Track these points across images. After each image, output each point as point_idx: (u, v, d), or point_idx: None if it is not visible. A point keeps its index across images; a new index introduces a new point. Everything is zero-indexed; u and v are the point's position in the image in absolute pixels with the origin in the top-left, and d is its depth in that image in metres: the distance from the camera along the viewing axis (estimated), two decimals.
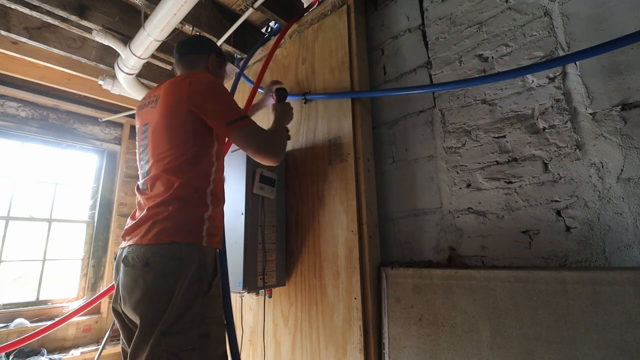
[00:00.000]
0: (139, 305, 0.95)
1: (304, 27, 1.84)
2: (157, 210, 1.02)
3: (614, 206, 0.97)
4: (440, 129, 1.39)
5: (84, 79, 2.71)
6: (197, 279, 0.99)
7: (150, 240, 0.99)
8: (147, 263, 0.97)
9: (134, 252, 0.99)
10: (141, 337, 0.93)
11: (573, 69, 1.09)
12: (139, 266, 0.97)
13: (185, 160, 1.07)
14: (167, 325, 0.92)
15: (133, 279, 0.98)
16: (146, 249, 0.98)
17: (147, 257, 0.97)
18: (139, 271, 0.97)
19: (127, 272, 1.00)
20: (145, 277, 0.96)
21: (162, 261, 0.97)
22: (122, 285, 1.01)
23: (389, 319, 1.27)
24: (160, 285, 0.95)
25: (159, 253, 0.97)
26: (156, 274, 0.96)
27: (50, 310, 2.85)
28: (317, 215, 1.53)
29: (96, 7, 1.95)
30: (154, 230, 0.99)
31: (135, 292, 0.96)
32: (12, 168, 2.92)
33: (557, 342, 0.92)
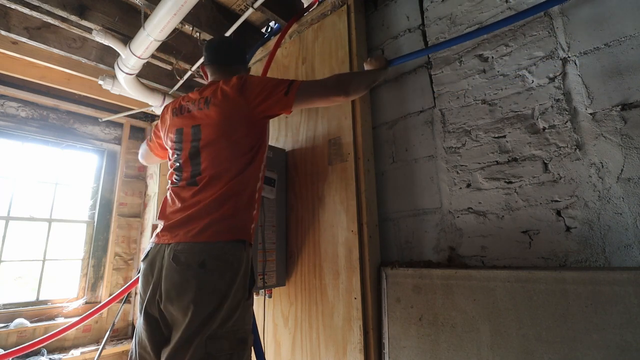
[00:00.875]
0: (190, 305, 0.93)
1: (304, 27, 1.84)
2: (212, 207, 1.02)
3: (614, 206, 0.97)
4: (440, 129, 1.39)
5: (84, 79, 2.71)
6: (243, 284, 1.01)
7: (209, 237, 0.99)
8: (203, 264, 0.96)
9: (187, 251, 0.98)
10: (186, 338, 0.92)
11: (573, 69, 1.09)
12: (194, 266, 0.96)
13: (242, 162, 1.10)
14: (214, 329, 0.93)
15: (186, 279, 0.96)
16: (202, 248, 0.98)
17: (203, 257, 0.97)
18: (194, 271, 0.96)
19: (179, 272, 0.97)
20: (200, 278, 0.95)
21: (217, 264, 0.97)
22: (171, 284, 0.98)
23: (389, 319, 1.27)
24: (214, 289, 0.95)
25: (215, 254, 0.98)
26: (211, 276, 0.96)
27: (50, 310, 2.85)
28: (317, 215, 1.53)
29: (96, 7, 1.95)
30: (212, 229, 1.00)
31: (187, 292, 0.95)
32: (12, 168, 2.92)
33: (557, 342, 0.92)
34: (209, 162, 1.10)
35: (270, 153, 1.61)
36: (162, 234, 1.06)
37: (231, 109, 1.12)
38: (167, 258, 1.00)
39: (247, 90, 1.12)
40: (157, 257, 1.03)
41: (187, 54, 2.32)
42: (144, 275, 1.06)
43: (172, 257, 0.99)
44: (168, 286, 0.98)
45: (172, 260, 0.99)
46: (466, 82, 1.34)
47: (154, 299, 1.00)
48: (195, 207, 1.04)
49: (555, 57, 1.13)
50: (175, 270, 0.98)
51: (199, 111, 1.16)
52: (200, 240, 0.99)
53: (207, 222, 1.00)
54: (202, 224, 1.00)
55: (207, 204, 1.03)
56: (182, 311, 0.94)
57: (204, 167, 1.10)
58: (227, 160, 1.09)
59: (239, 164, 1.10)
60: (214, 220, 1.01)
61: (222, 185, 1.06)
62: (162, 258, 1.02)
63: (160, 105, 2.61)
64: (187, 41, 2.30)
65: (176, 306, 0.95)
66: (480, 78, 1.31)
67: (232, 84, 1.14)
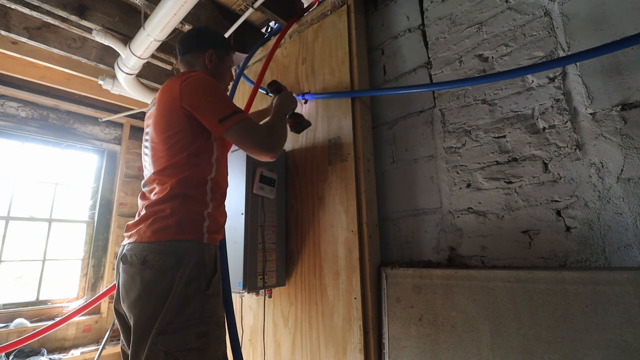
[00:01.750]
0: (136, 303, 0.94)
1: (304, 27, 1.84)
2: (156, 208, 1.02)
3: (614, 206, 0.97)
4: (440, 129, 1.39)
5: (84, 79, 2.72)
6: (196, 276, 0.97)
7: (150, 237, 0.98)
8: (144, 260, 0.96)
9: (133, 250, 0.99)
10: (138, 336, 0.92)
11: (573, 69, 1.09)
12: (137, 264, 0.97)
13: (181, 160, 1.05)
14: (164, 324, 0.90)
15: (131, 276, 0.97)
16: (145, 247, 0.98)
17: (145, 254, 0.96)
18: (137, 269, 0.96)
19: (126, 270, 0.99)
20: (143, 274, 0.95)
21: (160, 258, 0.95)
22: (121, 283, 1.00)
23: (389, 319, 1.27)
24: (157, 283, 0.94)
25: (157, 250, 0.97)
26: (154, 272, 0.95)
27: (50, 310, 2.85)
28: (317, 215, 1.53)
29: (96, 7, 1.96)
30: (153, 228, 0.99)
31: (132, 290, 0.96)
32: (12, 168, 2.92)
33: (557, 342, 0.92)
34: (153, 161, 1.10)
35: None
36: (125, 235, 1.10)
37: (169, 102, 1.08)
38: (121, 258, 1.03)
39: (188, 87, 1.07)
40: (118, 259, 1.06)
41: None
42: (115, 275, 1.11)
43: (123, 258, 1.01)
44: (120, 285, 1.01)
45: (122, 260, 1.02)
46: None
47: (119, 299, 1.02)
48: (144, 207, 1.06)
49: (555, 57, 1.13)
50: (123, 270, 1.00)
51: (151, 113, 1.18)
52: (144, 240, 0.99)
53: (150, 222, 1.00)
54: (146, 224, 1.01)
55: (150, 205, 1.03)
56: (131, 309, 0.95)
57: (153, 168, 1.11)
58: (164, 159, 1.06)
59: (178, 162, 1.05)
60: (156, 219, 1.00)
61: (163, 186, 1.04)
62: (120, 258, 1.04)
63: None
64: None
65: (127, 304, 0.97)
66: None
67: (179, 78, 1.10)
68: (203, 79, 1.10)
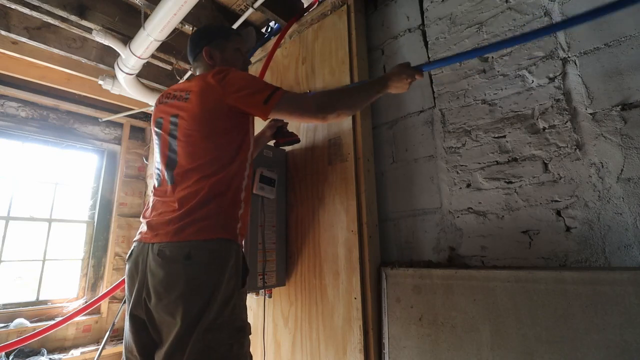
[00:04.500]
0: (179, 300, 0.90)
1: (304, 27, 1.84)
2: (194, 206, 0.98)
3: (614, 206, 0.97)
4: (440, 129, 1.39)
5: (84, 79, 2.71)
6: (234, 274, 0.98)
7: (190, 236, 0.95)
8: (188, 256, 0.93)
9: (171, 246, 0.95)
10: (182, 334, 0.88)
11: (573, 69, 1.09)
12: (179, 259, 0.93)
13: (223, 158, 1.05)
14: (210, 320, 0.90)
15: (173, 272, 0.92)
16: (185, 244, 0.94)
17: (188, 250, 0.93)
18: (180, 264, 0.92)
19: (164, 266, 0.94)
20: (188, 270, 0.92)
21: (204, 254, 0.94)
22: (158, 280, 0.93)
23: (389, 319, 1.27)
24: (204, 279, 0.92)
25: (201, 247, 0.95)
26: (199, 267, 0.93)
27: (50, 311, 2.85)
28: (317, 215, 1.53)
29: (96, 7, 1.95)
30: (194, 227, 0.96)
31: (176, 286, 0.91)
32: (12, 168, 2.92)
33: (557, 342, 0.92)
34: (186, 158, 1.05)
35: (270, 153, 1.61)
36: (145, 233, 1.03)
37: (212, 101, 1.06)
38: (152, 255, 0.97)
39: (227, 81, 1.06)
40: (141, 255, 1.00)
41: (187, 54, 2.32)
42: (129, 275, 1.02)
43: (157, 253, 0.95)
44: (155, 283, 0.94)
45: (157, 255, 0.95)
46: (466, 82, 1.34)
47: (140, 299, 0.96)
48: (174, 206, 1.00)
49: (555, 57, 1.13)
50: (160, 266, 0.94)
51: (178, 101, 1.11)
52: (182, 239, 0.95)
53: (189, 221, 0.97)
54: (184, 223, 0.97)
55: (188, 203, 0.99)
56: (172, 308, 0.91)
57: (181, 163, 1.05)
58: (205, 157, 1.04)
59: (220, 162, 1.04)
60: (194, 220, 0.97)
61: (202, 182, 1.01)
62: (146, 255, 0.98)
63: None
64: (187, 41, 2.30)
65: (165, 303, 0.92)
66: (480, 78, 1.31)
67: (212, 76, 1.08)
68: (237, 71, 1.11)
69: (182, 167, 1.04)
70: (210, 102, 1.06)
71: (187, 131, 1.06)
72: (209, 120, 1.06)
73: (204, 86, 1.07)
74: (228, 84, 1.06)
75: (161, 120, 1.15)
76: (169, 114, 1.13)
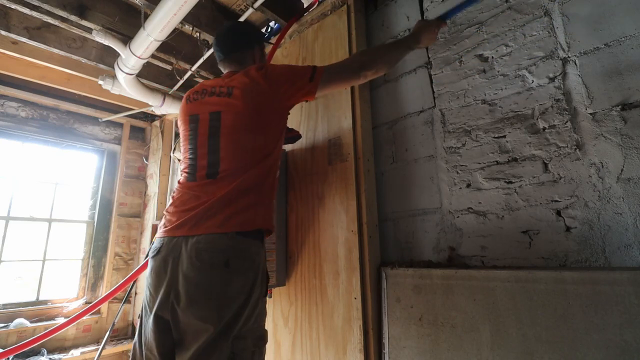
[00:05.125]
0: (215, 307, 0.90)
1: (304, 27, 1.84)
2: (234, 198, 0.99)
3: (614, 206, 0.97)
4: (440, 129, 1.39)
5: (84, 79, 2.72)
6: (261, 282, 1.00)
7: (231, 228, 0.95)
8: (227, 263, 0.93)
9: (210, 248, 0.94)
10: (213, 339, 0.88)
11: (573, 69, 1.09)
12: (219, 266, 0.92)
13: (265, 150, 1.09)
14: (239, 328, 0.91)
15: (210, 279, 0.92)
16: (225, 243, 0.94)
17: (228, 256, 0.93)
18: (219, 272, 0.92)
19: (202, 271, 0.92)
20: (225, 278, 0.92)
21: (241, 263, 0.95)
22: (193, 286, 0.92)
23: (389, 319, 1.27)
24: (240, 290, 0.94)
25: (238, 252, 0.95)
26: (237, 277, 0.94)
27: (50, 311, 2.85)
28: (317, 215, 1.53)
29: (96, 7, 1.96)
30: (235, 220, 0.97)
31: (213, 294, 0.91)
32: (12, 168, 2.92)
33: (557, 342, 0.92)
34: (230, 152, 1.06)
35: None
36: (176, 226, 0.99)
37: (257, 97, 1.09)
38: (186, 254, 0.93)
39: (272, 78, 1.11)
40: (172, 252, 0.96)
41: (187, 54, 2.32)
42: (155, 273, 0.98)
43: (195, 255, 0.92)
44: (189, 287, 0.91)
45: (195, 259, 0.92)
46: (466, 82, 1.34)
47: (168, 300, 0.93)
48: (215, 198, 0.99)
49: (555, 57, 1.13)
50: (197, 269, 0.92)
51: (219, 97, 1.12)
52: (222, 231, 0.95)
53: (229, 213, 0.97)
54: (224, 215, 0.96)
55: (229, 195, 0.99)
56: (205, 314, 0.89)
57: (224, 156, 1.06)
58: (250, 150, 1.07)
59: (261, 154, 1.08)
60: (239, 210, 0.98)
61: (244, 175, 1.03)
62: (178, 253, 0.95)
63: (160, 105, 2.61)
64: (187, 41, 2.31)
65: (199, 308, 0.90)
66: (480, 78, 1.31)
67: (255, 72, 1.11)
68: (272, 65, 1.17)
69: (226, 161, 1.05)
70: (256, 97, 1.09)
71: (231, 127, 1.08)
72: (255, 116, 1.09)
73: (248, 82, 1.10)
74: (273, 78, 1.11)
75: (197, 116, 1.15)
76: (207, 110, 1.13)
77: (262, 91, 1.09)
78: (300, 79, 1.11)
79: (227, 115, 1.09)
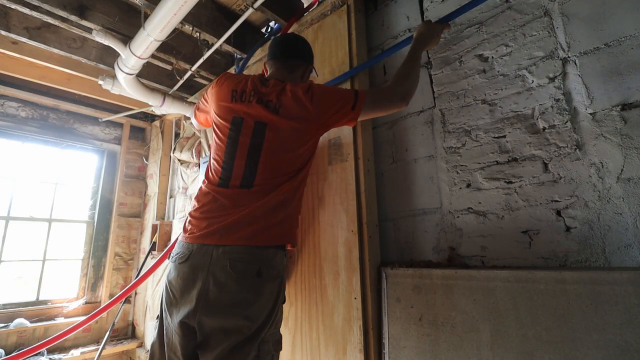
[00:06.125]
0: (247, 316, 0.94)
1: (304, 27, 1.84)
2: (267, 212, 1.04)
3: (614, 206, 0.97)
4: (440, 129, 1.39)
5: (84, 79, 2.71)
6: (283, 289, 1.07)
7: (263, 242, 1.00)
8: (259, 273, 0.97)
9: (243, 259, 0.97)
10: (241, 343, 0.93)
11: (573, 69, 1.09)
12: (252, 275, 0.96)
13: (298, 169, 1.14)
14: (265, 332, 0.96)
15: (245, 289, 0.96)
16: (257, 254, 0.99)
17: (259, 266, 0.98)
18: (252, 282, 0.96)
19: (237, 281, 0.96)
20: (258, 288, 0.97)
21: (271, 273, 1.00)
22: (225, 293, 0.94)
23: (389, 319, 1.27)
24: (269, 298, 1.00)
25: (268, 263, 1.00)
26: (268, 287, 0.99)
27: (50, 311, 2.85)
28: (317, 215, 1.53)
29: (96, 7, 1.95)
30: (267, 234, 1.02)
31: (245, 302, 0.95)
32: (12, 168, 2.92)
33: (557, 342, 0.92)
34: (267, 167, 1.08)
35: None
36: (205, 234, 1.00)
37: (303, 122, 1.11)
38: (219, 263, 0.96)
39: (318, 102, 1.11)
40: (203, 260, 0.97)
41: (187, 54, 2.32)
42: (183, 279, 0.98)
43: (229, 265, 0.95)
44: (221, 295, 0.94)
45: (229, 269, 0.95)
46: (466, 82, 1.34)
47: (196, 309, 0.93)
48: (248, 210, 1.02)
49: (555, 57, 1.13)
50: (232, 279, 0.95)
51: (266, 109, 1.10)
52: (255, 244, 0.99)
53: (261, 227, 1.01)
54: (256, 227, 1.01)
55: (262, 208, 1.04)
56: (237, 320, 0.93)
57: (261, 170, 1.07)
58: (286, 168, 1.11)
59: (296, 171, 1.14)
60: (269, 225, 1.03)
61: (278, 191, 1.07)
62: (209, 261, 0.96)
63: (160, 105, 2.61)
64: (187, 41, 2.30)
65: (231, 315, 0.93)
66: (480, 78, 1.31)
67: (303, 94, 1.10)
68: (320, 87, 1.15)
69: (262, 174, 1.08)
70: (302, 122, 1.11)
71: (273, 144, 1.10)
72: (297, 139, 1.12)
73: (296, 106, 1.10)
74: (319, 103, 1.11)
75: (241, 120, 1.12)
76: (253, 117, 1.12)
77: (308, 117, 1.11)
78: (344, 107, 1.12)
79: (272, 132, 1.10)
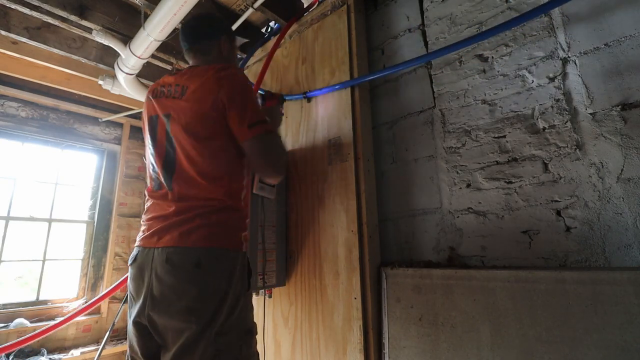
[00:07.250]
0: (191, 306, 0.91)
1: (304, 27, 1.84)
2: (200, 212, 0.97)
3: (614, 206, 0.97)
4: (440, 129, 1.39)
5: (84, 79, 2.71)
6: (240, 278, 1.00)
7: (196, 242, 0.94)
8: (198, 264, 0.93)
9: (180, 253, 0.94)
10: (193, 338, 0.89)
11: (573, 69, 1.09)
12: (189, 267, 0.93)
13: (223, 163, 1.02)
14: (219, 324, 0.92)
15: (183, 280, 0.92)
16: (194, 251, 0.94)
17: (198, 258, 0.93)
18: (190, 273, 0.92)
19: (174, 274, 0.93)
20: (198, 277, 0.92)
21: (214, 262, 0.95)
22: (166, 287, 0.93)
23: (389, 319, 1.27)
24: (214, 286, 0.93)
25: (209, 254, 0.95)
26: (209, 274, 0.94)
27: (50, 311, 2.85)
28: (317, 215, 1.53)
29: (96, 7, 1.95)
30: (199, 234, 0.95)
31: (187, 293, 0.91)
32: (12, 168, 2.92)
33: (557, 342, 0.92)
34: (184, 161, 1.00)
35: None
36: (147, 238, 1.00)
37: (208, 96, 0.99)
38: (158, 260, 0.95)
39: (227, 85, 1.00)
40: (146, 262, 0.97)
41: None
42: (133, 279, 1.01)
43: (165, 259, 0.93)
44: (163, 289, 0.93)
45: (165, 263, 0.93)
46: (466, 82, 1.34)
47: (145, 307, 0.95)
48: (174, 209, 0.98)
49: (555, 57, 1.13)
50: (169, 273, 0.93)
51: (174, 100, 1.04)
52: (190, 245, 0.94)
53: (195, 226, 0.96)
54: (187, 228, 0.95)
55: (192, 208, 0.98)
56: (182, 314, 0.90)
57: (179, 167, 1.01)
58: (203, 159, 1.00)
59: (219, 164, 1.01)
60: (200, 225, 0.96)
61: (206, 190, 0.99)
62: (151, 262, 0.96)
63: None
64: None
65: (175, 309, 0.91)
66: (480, 78, 1.31)
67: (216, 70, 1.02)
68: (242, 77, 1.06)
69: (181, 171, 1.01)
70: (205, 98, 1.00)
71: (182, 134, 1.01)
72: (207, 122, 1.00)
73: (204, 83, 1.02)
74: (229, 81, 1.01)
75: (155, 117, 1.09)
76: (162, 111, 1.07)
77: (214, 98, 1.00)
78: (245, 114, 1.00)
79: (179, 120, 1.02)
